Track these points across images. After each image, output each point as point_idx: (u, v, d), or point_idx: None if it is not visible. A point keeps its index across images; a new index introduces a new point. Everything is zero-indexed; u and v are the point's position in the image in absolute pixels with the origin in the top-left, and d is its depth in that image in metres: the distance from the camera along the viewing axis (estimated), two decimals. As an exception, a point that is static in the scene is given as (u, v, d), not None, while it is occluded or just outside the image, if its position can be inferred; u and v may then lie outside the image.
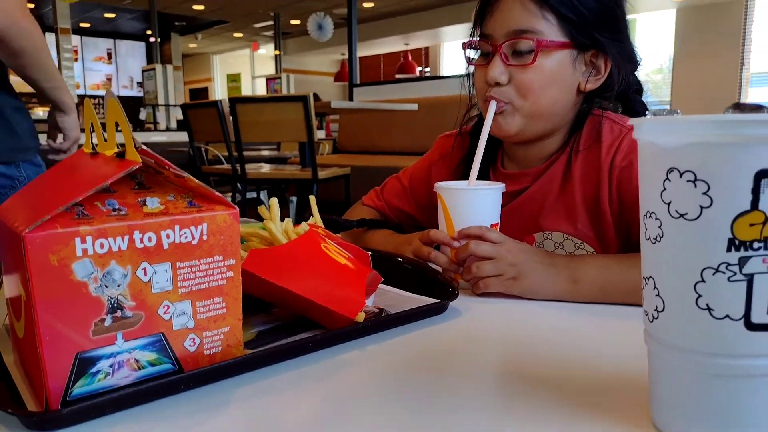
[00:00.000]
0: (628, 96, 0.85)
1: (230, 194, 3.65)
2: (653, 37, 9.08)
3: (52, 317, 0.39)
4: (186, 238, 0.44)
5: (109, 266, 0.40)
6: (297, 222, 0.63)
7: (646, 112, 0.88)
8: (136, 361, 0.42)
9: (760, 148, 0.29)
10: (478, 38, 0.80)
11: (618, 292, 0.64)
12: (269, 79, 9.77)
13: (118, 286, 0.41)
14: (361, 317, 0.55)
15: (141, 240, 0.42)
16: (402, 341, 0.55)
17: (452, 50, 11.50)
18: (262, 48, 12.32)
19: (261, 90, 11.91)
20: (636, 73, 0.84)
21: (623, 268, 0.65)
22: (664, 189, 0.33)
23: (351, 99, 4.53)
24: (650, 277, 0.36)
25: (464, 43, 0.83)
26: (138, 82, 9.45)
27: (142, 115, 7.82)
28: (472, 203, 0.70)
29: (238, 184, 3.18)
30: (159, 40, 8.80)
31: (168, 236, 0.43)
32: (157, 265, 0.42)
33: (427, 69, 11.66)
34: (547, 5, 0.75)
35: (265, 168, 3.27)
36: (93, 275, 0.40)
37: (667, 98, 8.86)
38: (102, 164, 0.45)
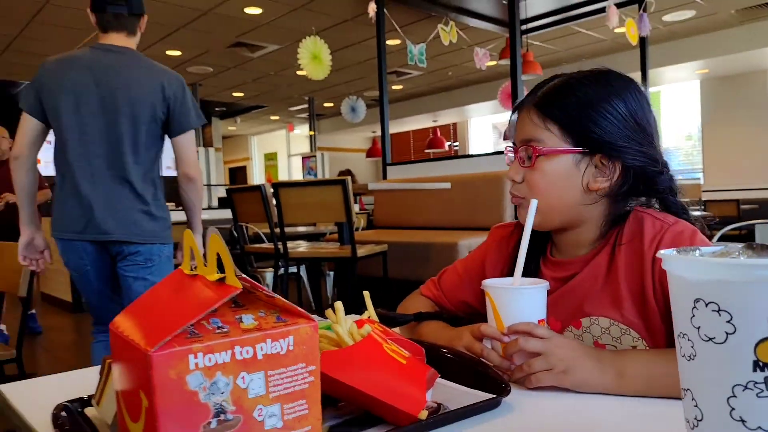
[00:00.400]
0: (663, 197, 0.88)
1: (272, 270, 3.75)
2: (680, 106, 9.20)
3: (171, 422, 0.46)
4: (276, 349, 0.51)
5: (215, 377, 0.47)
6: (338, 298, 0.69)
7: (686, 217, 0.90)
8: (235, 459, 0.49)
9: (772, 285, 0.35)
10: (512, 144, 0.92)
11: (662, 387, 0.68)
12: (304, 158, 10.15)
13: (222, 393, 0.48)
14: (423, 414, 0.60)
15: (240, 353, 0.49)
16: (461, 437, 0.60)
17: (479, 125, 11.80)
18: (297, 128, 12.85)
19: (297, 166, 12.33)
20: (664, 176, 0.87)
21: (667, 364, 0.69)
22: (693, 315, 0.39)
23: (384, 177, 4.68)
24: (688, 389, 0.41)
25: (506, 147, 0.94)
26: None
27: (185, 195, 8.15)
28: (518, 301, 0.76)
29: (280, 262, 3.28)
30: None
31: (261, 348, 0.50)
32: (253, 374, 0.49)
33: (456, 143, 11.95)
34: (550, 119, 0.85)
35: (304, 246, 3.38)
36: (203, 385, 0.47)
37: (699, 165, 8.86)
38: (204, 287, 0.53)
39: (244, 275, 0.51)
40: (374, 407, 0.62)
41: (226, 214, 3.76)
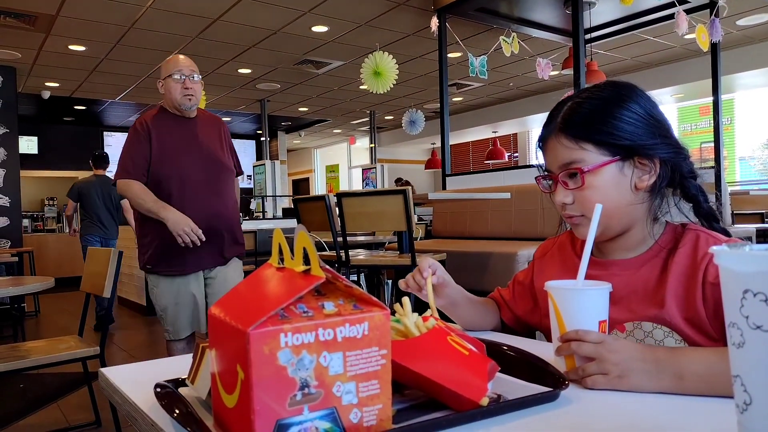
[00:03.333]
0: (683, 182, 0.94)
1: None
2: (756, 113, 8.76)
3: (263, 393, 0.52)
4: (353, 333, 0.57)
5: (301, 355, 0.54)
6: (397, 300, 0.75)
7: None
8: (316, 428, 0.55)
9: (814, 276, 0.38)
10: (545, 172, 0.99)
11: (721, 386, 0.69)
12: (365, 169, 10.33)
13: (307, 369, 0.54)
14: (485, 401, 0.64)
15: (323, 335, 0.55)
16: (521, 424, 0.64)
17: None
18: (358, 141, 13.07)
19: (357, 178, 12.54)
20: (688, 161, 0.94)
21: (725, 362, 0.70)
22: (742, 305, 0.42)
23: (444, 188, 4.72)
24: (738, 375, 0.44)
25: (536, 178, 1.01)
26: (248, 176, 10.33)
27: (253, 205, 8.49)
28: (580, 302, 0.79)
29: (341, 269, 3.38)
30: (268, 138, 9.65)
31: (341, 332, 0.56)
32: (333, 354, 0.56)
33: (516, 154, 11.82)
34: (582, 139, 0.91)
35: (364, 254, 3.46)
36: (291, 361, 0.54)
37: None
38: (292, 277, 0.60)
39: (327, 267, 0.58)
40: (439, 394, 0.67)
41: (290, 223, 3.90)
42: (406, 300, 0.74)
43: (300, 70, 7.59)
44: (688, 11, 4.44)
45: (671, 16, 4.42)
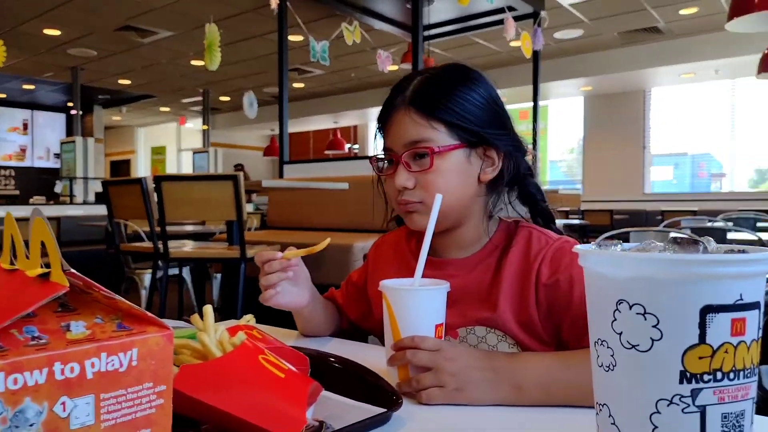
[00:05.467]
0: (521, 179, 0.91)
1: (151, 271, 3.48)
2: (565, 120, 9.82)
3: (-52, 471, 0.33)
4: (113, 365, 0.40)
5: (22, 404, 0.36)
6: (225, 304, 0.60)
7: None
8: None
9: (704, 284, 0.31)
10: (383, 152, 0.89)
11: (562, 395, 0.64)
12: (196, 152, 9.66)
13: (31, 425, 0.36)
14: (302, 437, 0.51)
15: (62, 371, 0.37)
16: (346, 461, 0.52)
17: (380, 128, 11.87)
18: (189, 122, 12.24)
19: (187, 162, 11.73)
20: (526, 158, 0.92)
21: (566, 369, 0.66)
22: (615, 319, 0.33)
23: (281, 176, 4.53)
24: (604, 404, 0.36)
25: (371, 158, 0.91)
26: (55, 154, 9.08)
27: (58, 188, 7.44)
28: (415, 303, 0.69)
29: (160, 262, 3.04)
30: (81, 112, 8.55)
31: (93, 365, 0.39)
32: (78, 399, 0.38)
33: (356, 146, 11.95)
34: (434, 117, 0.83)
35: (189, 246, 3.16)
36: (1, 416, 0.35)
37: (580, 177, 9.49)
38: (23, 285, 0.41)
39: (74, 271, 0.40)
40: (244, 430, 0.52)
41: (100, 210, 3.44)
42: (207, 309, 0.58)
43: (121, 36, 6.82)
44: (516, 18, 4.75)
45: (501, 22, 4.70)
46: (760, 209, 5.73)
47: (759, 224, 4.16)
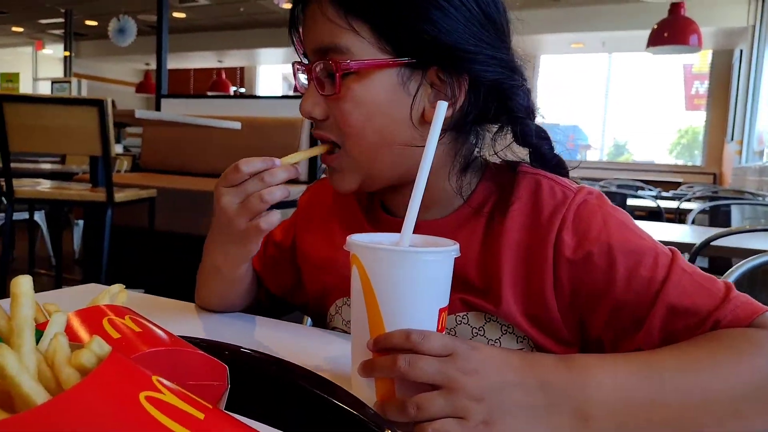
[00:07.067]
0: (513, 120, 0.62)
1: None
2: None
3: None
4: None
5: None
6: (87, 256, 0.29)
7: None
8: None
9: None
10: (303, 60, 0.62)
11: (648, 426, 0.41)
12: (55, 82, 8.44)
13: None
14: None
15: None
16: None
17: (268, 74, 11.20)
18: (48, 48, 10.74)
19: (44, 93, 10.31)
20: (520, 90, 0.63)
21: (657, 385, 0.43)
22: None
23: (159, 111, 3.97)
24: None
25: (294, 64, 0.63)
26: None
27: None
28: (417, 273, 0.43)
29: (4, 200, 2.49)
30: None
31: None
32: None
33: (242, 89, 11.19)
34: (354, 13, 0.55)
35: (44, 185, 2.61)
36: None
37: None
38: None
39: None
40: None
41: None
42: (19, 283, 0.27)
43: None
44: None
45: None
46: (619, 178, 6.10)
47: (639, 192, 4.38)
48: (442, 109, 0.48)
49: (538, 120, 0.64)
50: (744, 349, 0.47)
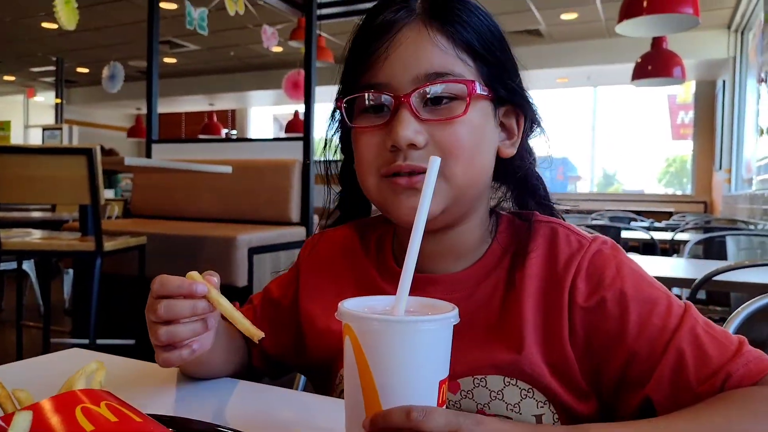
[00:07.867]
0: (527, 173, 0.66)
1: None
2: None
3: None
4: None
5: None
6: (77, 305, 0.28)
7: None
8: None
9: None
10: (370, 90, 0.58)
11: None
12: (47, 129, 8.47)
13: None
14: None
15: None
16: None
17: (259, 115, 11.29)
18: (39, 95, 10.80)
19: (35, 141, 10.33)
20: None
21: None
22: None
23: (149, 156, 3.96)
24: None
25: (338, 99, 0.61)
26: None
27: None
28: (411, 345, 0.40)
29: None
30: None
31: None
32: None
33: (234, 131, 11.26)
34: (463, 43, 0.56)
35: (33, 235, 2.58)
36: None
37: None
38: None
39: None
40: None
41: None
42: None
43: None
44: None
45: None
46: (611, 209, 6.13)
47: (632, 224, 4.38)
48: (435, 164, 0.46)
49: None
50: (759, 410, 0.46)
